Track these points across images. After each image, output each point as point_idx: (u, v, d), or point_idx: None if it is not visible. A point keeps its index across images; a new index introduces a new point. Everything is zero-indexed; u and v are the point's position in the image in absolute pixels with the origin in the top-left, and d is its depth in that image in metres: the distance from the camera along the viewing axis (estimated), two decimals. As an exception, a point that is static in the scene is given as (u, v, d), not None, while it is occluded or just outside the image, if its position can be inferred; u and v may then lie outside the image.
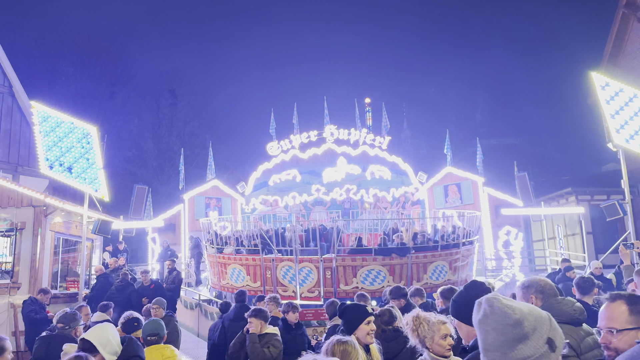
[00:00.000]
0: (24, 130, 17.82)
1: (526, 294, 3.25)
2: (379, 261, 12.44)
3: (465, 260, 13.54)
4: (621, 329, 2.06)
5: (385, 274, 12.37)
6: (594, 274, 10.59)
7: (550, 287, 3.20)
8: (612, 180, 20.27)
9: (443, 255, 12.83)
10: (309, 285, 12.75)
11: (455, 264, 13.16)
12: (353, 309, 3.74)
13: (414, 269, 12.49)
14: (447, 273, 12.76)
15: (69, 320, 5.39)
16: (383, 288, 12.18)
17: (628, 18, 17.68)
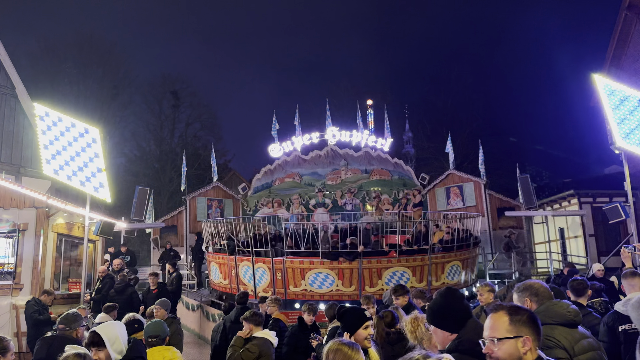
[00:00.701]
0: (26, 131, 17.86)
1: (521, 297, 3.30)
2: (326, 265, 12.29)
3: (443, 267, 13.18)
4: (501, 338, 2.14)
5: (333, 278, 12.27)
6: (597, 277, 10.58)
7: (545, 290, 3.24)
8: (615, 182, 20.23)
9: (402, 261, 12.51)
10: (264, 285, 12.78)
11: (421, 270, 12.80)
12: (352, 313, 3.74)
13: (366, 274, 12.26)
14: (410, 279, 12.38)
15: (70, 322, 5.40)
16: (331, 292, 12.21)
17: (631, 20, 17.67)
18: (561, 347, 2.85)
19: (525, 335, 2.15)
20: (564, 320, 2.98)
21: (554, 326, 2.95)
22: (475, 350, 2.62)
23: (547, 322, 2.96)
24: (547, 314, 3.02)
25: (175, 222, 19.19)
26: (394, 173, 20.25)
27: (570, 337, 2.91)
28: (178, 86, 33.40)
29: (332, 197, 19.81)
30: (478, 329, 2.70)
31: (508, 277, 16.90)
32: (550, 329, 2.94)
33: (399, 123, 37.65)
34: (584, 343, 2.92)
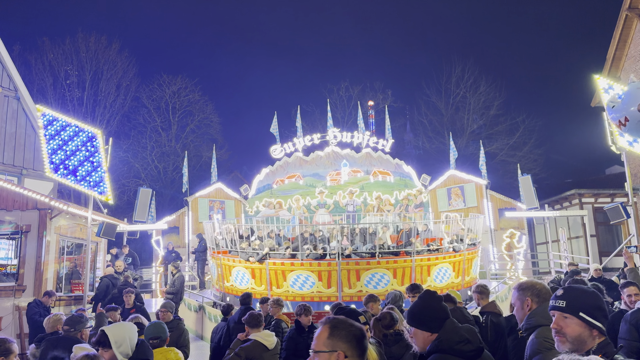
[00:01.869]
0: (29, 133, 17.91)
1: (522, 296, 3.29)
2: (306, 266, 12.36)
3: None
4: (317, 351, 2.15)
5: (314, 279, 12.29)
6: (594, 277, 10.62)
7: (547, 291, 3.24)
8: (616, 182, 20.25)
9: (382, 263, 12.49)
10: (247, 286, 12.98)
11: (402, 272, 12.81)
12: (347, 315, 3.77)
13: (345, 275, 12.29)
14: (390, 281, 12.40)
15: (75, 323, 5.46)
16: (312, 293, 12.25)
17: (631, 21, 17.67)
18: None
19: (339, 351, 2.12)
20: None
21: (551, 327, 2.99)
22: (454, 349, 2.69)
23: (544, 323, 2.99)
24: (544, 315, 3.03)
25: (177, 223, 19.23)
26: (395, 174, 20.27)
27: None
28: (179, 87, 33.42)
29: (333, 198, 19.83)
30: (457, 329, 2.76)
31: (508, 278, 16.92)
32: (548, 330, 2.93)
33: (401, 124, 37.72)
34: None
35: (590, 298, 2.38)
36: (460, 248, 13.50)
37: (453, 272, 13.39)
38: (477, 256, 14.69)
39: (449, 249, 13.42)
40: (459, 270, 13.54)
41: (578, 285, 2.46)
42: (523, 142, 31.36)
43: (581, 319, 2.31)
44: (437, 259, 13.04)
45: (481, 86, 32.08)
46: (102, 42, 31.38)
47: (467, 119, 32.38)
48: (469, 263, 14.05)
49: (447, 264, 13.23)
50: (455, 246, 13.47)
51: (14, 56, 21.17)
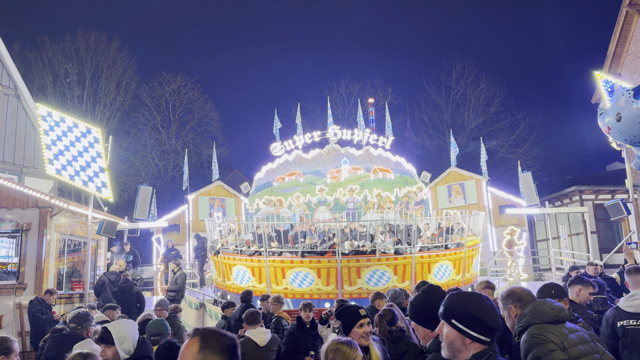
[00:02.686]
0: (29, 131, 17.91)
1: (506, 304, 3.36)
2: (305, 263, 12.31)
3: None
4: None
5: (313, 277, 12.28)
6: (589, 274, 10.61)
7: (527, 294, 3.29)
8: (617, 179, 20.24)
9: (383, 260, 12.45)
10: (248, 284, 12.94)
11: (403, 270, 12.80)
12: (347, 311, 3.77)
13: (345, 273, 12.27)
14: (391, 278, 12.38)
15: (82, 321, 5.48)
16: (311, 290, 12.23)
17: (632, 17, 17.65)
18: (550, 341, 2.92)
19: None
20: (549, 318, 3.04)
21: (541, 325, 3.02)
22: None
23: (534, 322, 3.04)
24: (533, 314, 3.10)
25: (178, 221, 19.25)
26: (395, 171, 20.25)
27: (558, 333, 2.97)
28: (179, 84, 33.39)
29: (333, 196, 19.83)
30: None
31: (509, 275, 16.92)
32: (538, 328, 3.01)
33: (401, 121, 37.68)
34: (573, 337, 2.98)
35: (468, 305, 2.24)
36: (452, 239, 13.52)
37: (454, 269, 13.38)
38: (477, 253, 14.68)
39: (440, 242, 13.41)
40: (459, 267, 13.54)
41: (461, 292, 2.39)
42: (523, 139, 31.35)
43: (452, 326, 2.23)
44: (438, 256, 13.03)
45: (481, 83, 32.05)
46: (102, 40, 31.34)
47: (467, 116, 32.35)
48: (469, 260, 14.04)
49: (447, 261, 13.21)
50: (449, 239, 13.46)
51: (13, 54, 21.15)
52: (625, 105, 4.74)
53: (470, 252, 14.04)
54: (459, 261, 13.51)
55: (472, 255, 14.18)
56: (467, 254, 13.81)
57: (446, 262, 13.17)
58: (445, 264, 13.15)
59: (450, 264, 13.26)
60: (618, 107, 4.94)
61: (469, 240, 13.80)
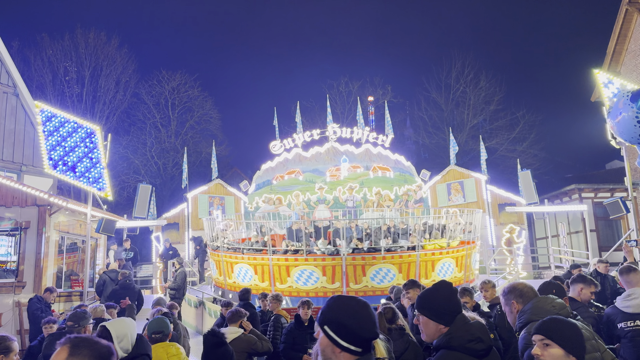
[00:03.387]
0: (28, 130, 17.88)
1: (508, 300, 3.35)
2: (310, 261, 12.28)
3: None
4: None
5: (318, 275, 12.25)
6: (599, 272, 10.57)
7: (529, 289, 3.29)
8: (616, 177, 20.25)
9: (388, 258, 12.49)
10: (250, 282, 12.92)
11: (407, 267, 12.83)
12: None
13: (350, 271, 12.25)
14: (396, 276, 12.38)
15: (79, 319, 5.48)
16: (316, 288, 12.20)
17: (631, 15, 17.63)
18: None
19: None
20: (549, 315, 2.99)
21: None
22: (466, 347, 2.64)
23: (534, 319, 3.02)
24: (533, 311, 3.10)
25: (177, 219, 19.25)
26: (394, 169, 20.25)
27: None
28: (179, 82, 33.35)
29: (333, 194, 19.83)
30: (468, 325, 2.72)
31: (508, 273, 16.93)
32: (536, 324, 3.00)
33: (400, 119, 37.68)
34: None
35: (342, 313, 2.14)
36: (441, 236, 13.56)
37: (456, 267, 13.41)
38: (476, 251, 14.70)
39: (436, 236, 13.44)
40: (461, 265, 13.58)
41: (341, 297, 2.28)
42: (523, 137, 31.36)
43: (324, 332, 2.14)
44: (441, 254, 13.06)
45: (481, 81, 32.03)
46: (101, 38, 31.30)
47: (467, 114, 32.34)
48: (470, 258, 14.11)
49: (450, 259, 13.25)
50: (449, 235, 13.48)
51: (12, 52, 21.10)
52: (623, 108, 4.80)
53: (471, 250, 14.09)
54: (462, 259, 13.57)
55: (471, 253, 14.22)
56: (468, 252, 13.85)
57: (449, 260, 13.21)
58: (448, 261, 13.19)
59: (453, 262, 13.30)
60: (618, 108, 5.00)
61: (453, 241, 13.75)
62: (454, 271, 13.32)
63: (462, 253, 13.55)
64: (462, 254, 13.55)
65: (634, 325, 4.44)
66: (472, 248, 14.09)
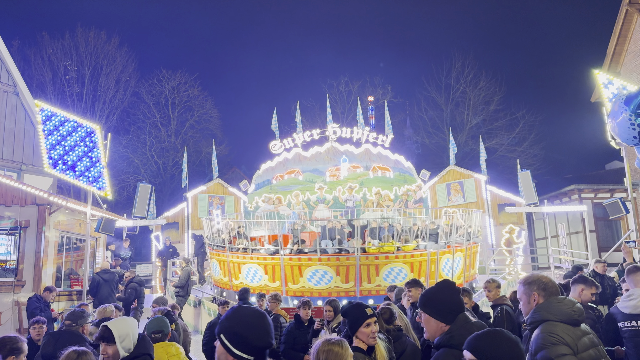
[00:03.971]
0: (28, 129, 17.88)
1: (529, 290, 3.22)
2: (324, 261, 12.23)
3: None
4: None
5: (332, 274, 12.21)
6: (597, 273, 10.59)
7: (553, 285, 3.18)
8: (615, 178, 20.25)
9: (400, 257, 12.51)
10: (261, 282, 12.84)
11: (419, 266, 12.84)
12: (353, 310, 3.71)
13: (364, 270, 12.27)
14: (408, 275, 12.34)
15: (77, 318, 5.48)
16: (329, 288, 12.18)
17: (632, 16, 17.63)
18: (565, 344, 2.83)
19: None
20: (568, 319, 2.97)
21: (556, 323, 2.95)
22: None
23: (550, 318, 2.96)
24: (550, 310, 3.01)
25: (177, 218, 19.25)
26: (394, 169, 20.25)
27: (573, 334, 2.91)
28: (179, 82, 33.35)
29: (332, 194, 19.82)
30: (469, 324, 2.72)
31: (507, 273, 16.94)
32: (553, 325, 2.93)
33: (400, 119, 37.67)
34: (586, 340, 2.93)
35: (236, 322, 2.22)
36: None
37: (460, 267, 13.48)
38: (477, 251, 14.76)
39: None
40: (467, 264, 13.66)
41: (239, 307, 2.31)
42: (523, 138, 31.35)
43: (220, 341, 2.22)
44: (444, 253, 13.13)
45: (481, 81, 32.02)
46: (102, 37, 31.29)
47: (467, 114, 32.34)
48: (474, 256, 14.23)
49: (459, 256, 13.31)
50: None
51: (13, 51, 21.09)
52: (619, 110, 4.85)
53: (474, 249, 14.17)
54: (467, 257, 13.69)
55: (475, 252, 14.30)
56: (472, 250, 13.92)
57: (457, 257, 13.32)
58: (453, 258, 13.30)
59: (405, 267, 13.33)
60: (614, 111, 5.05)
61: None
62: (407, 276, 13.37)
63: (468, 252, 13.69)
64: (468, 252, 13.70)
65: (631, 325, 4.47)
66: (474, 248, 14.21)
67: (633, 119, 4.75)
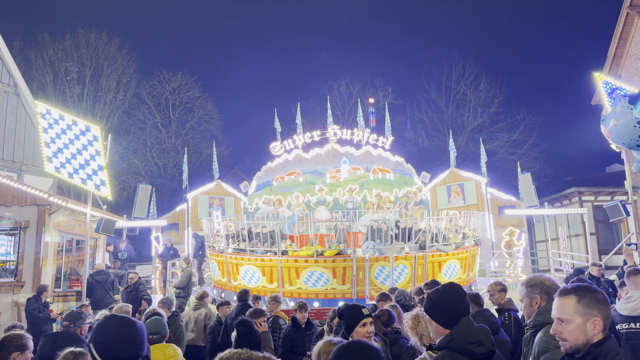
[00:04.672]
0: (29, 129, 17.89)
1: (531, 292, 3.21)
2: (320, 263, 12.22)
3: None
4: None
5: (328, 276, 12.20)
6: (592, 275, 10.59)
7: (555, 288, 3.16)
8: (616, 181, 20.23)
9: (400, 258, 12.44)
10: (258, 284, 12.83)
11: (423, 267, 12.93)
12: (348, 311, 3.71)
13: (361, 272, 12.21)
14: (408, 275, 12.41)
15: (75, 319, 5.46)
16: (326, 290, 12.17)
17: (632, 19, 17.62)
18: None
19: None
20: None
21: None
22: (465, 349, 2.64)
23: (553, 321, 2.96)
24: None
25: (177, 219, 19.25)
26: (395, 171, 20.24)
27: None
28: (180, 83, 33.37)
29: (333, 196, 19.81)
30: (470, 328, 2.72)
31: (507, 276, 16.92)
32: None
33: (401, 121, 37.63)
34: None
35: (102, 333, 2.29)
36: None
37: (460, 269, 13.46)
38: (456, 258, 14.71)
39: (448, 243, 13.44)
40: (465, 267, 13.63)
41: (112, 318, 2.40)
42: (523, 140, 31.34)
43: (89, 350, 2.33)
44: (447, 255, 13.15)
45: (482, 83, 32.04)
46: (103, 38, 31.32)
47: (467, 116, 32.34)
48: (474, 259, 14.20)
49: (456, 260, 13.31)
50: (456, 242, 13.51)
51: (14, 52, 21.13)
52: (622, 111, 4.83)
53: (474, 251, 14.15)
54: (466, 260, 13.70)
55: (475, 254, 14.29)
56: (472, 253, 13.91)
57: (454, 261, 13.31)
58: (454, 262, 13.30)
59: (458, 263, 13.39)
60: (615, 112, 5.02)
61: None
62: (458, 272, 13.40)
63: (466, 254, 13.67)
64: (466, 255, 13.68)
65: (629, 327, 4.47)
66: (474, 250, 14.23)
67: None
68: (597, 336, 2.32)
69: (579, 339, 2.33)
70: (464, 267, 13.60)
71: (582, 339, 2.33)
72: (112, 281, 11.99)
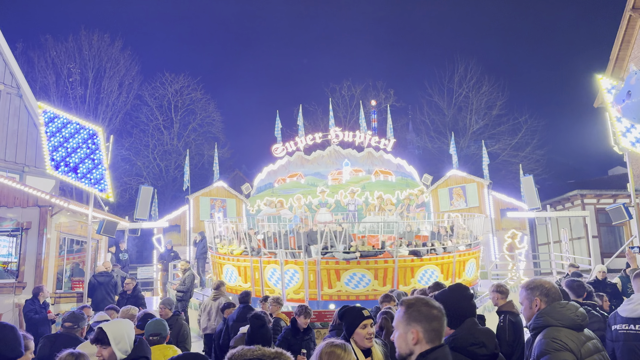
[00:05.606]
0: (31, 131, 17.92)
1: (531, 295, 3.20)
2: (362, 265, 12.26)
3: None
4: None
5: (370, 278, 12.22)
6: (598, 279, 10.56)
7: (555, 290, 3.16)
8: (618, 183, 20.18)
9: (433, 260, 12.58)
10: (295, 287, 12.71)
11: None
12: (350, 312, 3.70)
13: (401, 273, 12.27)
14: (439, 276, 12.48)
15: (78, 320, 5.45)
16: (367, 292, 12.15)
17: (635, 21, 17.60)
18: (568, 350, 2.80)
19: None
20: (572, 324, 2.93)
21: (560, 328, 2.91)
22: (467, 350, 2.63)
23: (553, 323, 2.93)
24: (553, 315, 2.98)
25: (179, 221, 19.24)
26: (396, 173, 20.23)
27: (576, 339, 2.88)
28: (182, 85, 33.40)
29: (334, 198, 19.79)
30: (474, 330, 2.70)
31: (509, 278, 16.86)
32: (557, 330, 2.90)
33: (402, 123, 37.60)
34: (590, 345, 2.91)
35: None
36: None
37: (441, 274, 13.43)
38: (474, 257, 14.64)
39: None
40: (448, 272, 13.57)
41: None
42: (525, 143, 31.28)
43: None
44: (469, 254, 13.38)
45: (484, 86, 31.99)
46: (105, 40, 31.38)
47: (469, 119, 32.30)
48: (476, 261, 14.29)
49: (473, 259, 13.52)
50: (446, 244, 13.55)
51: (16, 54, 21.19)
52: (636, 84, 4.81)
53: (469, 256, 14.10)
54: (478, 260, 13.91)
55: (466, 259, 14.28)
56: (458, 259, 13.87)
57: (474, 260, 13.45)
58: (473, 261, 13.43)
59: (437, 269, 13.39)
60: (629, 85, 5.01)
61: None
62: (477, 271, 13.76)
63: (470, 257, 13.72)
64: (470, 257, 13.74)
65: (628, 328, 4.46)
66: (463, 254, 14.24)
67: None
68: None
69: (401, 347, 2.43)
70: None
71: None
72: (114, 283, 11.97)
